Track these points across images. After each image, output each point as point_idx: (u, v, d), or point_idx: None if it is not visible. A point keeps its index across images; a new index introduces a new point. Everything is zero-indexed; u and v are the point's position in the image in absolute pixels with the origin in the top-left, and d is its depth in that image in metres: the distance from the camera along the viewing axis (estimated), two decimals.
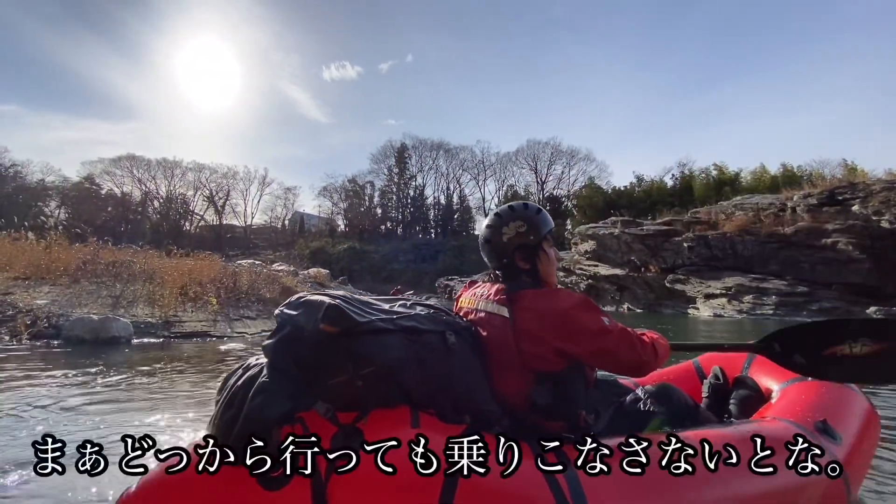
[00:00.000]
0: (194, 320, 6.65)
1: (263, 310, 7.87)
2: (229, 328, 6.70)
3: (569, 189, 53.55)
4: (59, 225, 26.64)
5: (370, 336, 1.09)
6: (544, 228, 1.40)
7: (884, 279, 13.24)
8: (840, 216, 14.41)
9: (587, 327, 1.24)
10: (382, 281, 45.76)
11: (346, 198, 60.06)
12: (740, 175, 34.82)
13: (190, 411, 2.69)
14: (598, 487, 1.01)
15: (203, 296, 7.59)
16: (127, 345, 5.26)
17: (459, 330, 1.26)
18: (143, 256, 9.34)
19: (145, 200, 54.48)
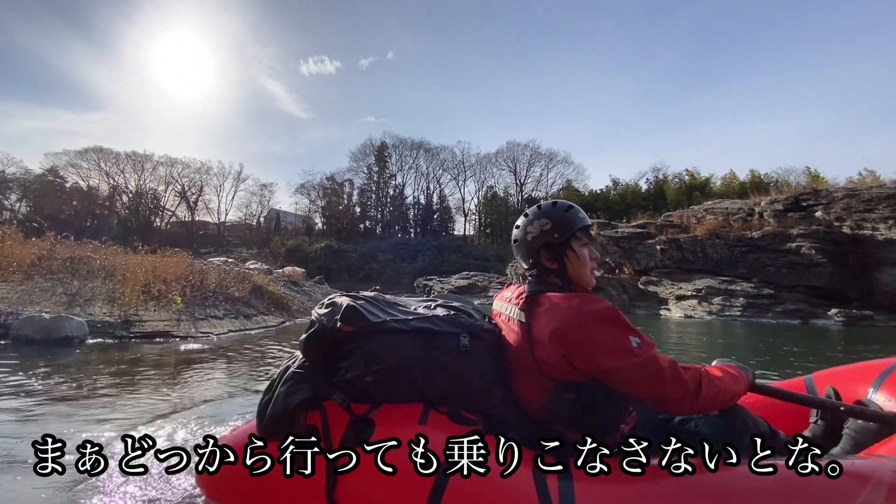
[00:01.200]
0: (156, 319, 6.37)
1: (232, 309, 7.61)
2: (194, 328, 6.45)
3: (547, 191, 54.17)
4: (15, 219, 25.35)
5: (382, 336, 1.19)
6: (572, 226, 1.30)
7: (844, 283, 13.81)
8: (804, 221, 14.96)
9: (602, 342, 1.11)
10: (360, 280, 45.27)
11: (325, 196, 59.23)
12: (711, 180, 35.95)
13: (135, 417, 2.51)
14: (591, 493, 0.99)
15: (167, 294, 7.28)
16: (80, 345, 4.98)
17: (479, 333, 1.28)
18: (104, 252, 8.91)
19: (113, 195, 52.42)
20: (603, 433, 1.18)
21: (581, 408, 1.18)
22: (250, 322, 7.43)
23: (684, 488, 0.99)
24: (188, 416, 2.49)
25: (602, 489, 1.00)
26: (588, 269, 1.32)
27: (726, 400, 1.21)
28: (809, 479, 1.03)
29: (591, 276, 1.34)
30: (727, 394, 1.21)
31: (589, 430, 1.17)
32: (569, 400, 1.18)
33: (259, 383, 3.44)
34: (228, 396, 3.04)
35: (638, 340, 1.13)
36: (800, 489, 1.01)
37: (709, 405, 1.18)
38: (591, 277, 1.34)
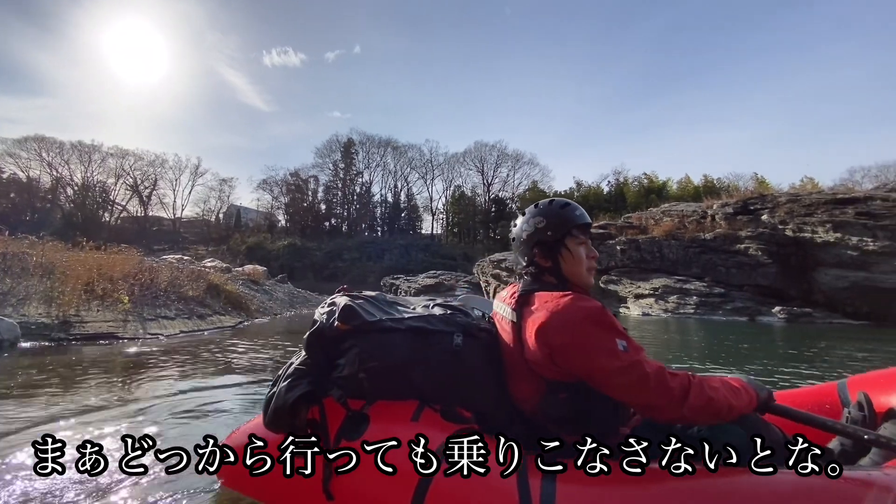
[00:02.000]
0: (100, 320, 5.96)
1: (185, 309, 7.24)
2: (142, 329, 6.08)
3: (513, 192, 54.97)
4: None
5: (377, 334, 1.24)
6: (567, 224, 1.28)
7: (787, 282, 14.73)
8: (751, 224, 15.85)
9: (586, 343, 1.09)
10: (325, 279, 44.36)
11: (288, 192, 57.66)
12: (668, 184, 37.55)
13: (66, 426, 2.32)
14: (574, 494, 0.98)
15: (113, 293, 6.84)
16: (11, 349, 4.59)
17: (474, 332, 1.29)
18: (42, 248, 8.28)
19: (56, 187, 48.99)
20: (598, 435, 1.15)
21: (574, 409, 1.16)
22: (204, 322, 7.09)
23: (674, 490, 0.96)
24: (112, 418, 2.33)
25: (586, 490, 0.98)
26: (584, 267, 1.28)
27: (720, 411, 1.10)
28: (808, 481, 0.96)
29: (589, 276, 1.30)
30: (721, 405, 1.10)
31: (583, 431, 1.15)
32: (562, 400, 1.16)
33: (205, 385, 3.27)
34: (166, 397, 2.87)
35: (624, 344, 1.10)
36: (798, 491, 0.95)
37: (697, 414, 1.09)
38: (587, 276, 1.30)
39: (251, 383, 3.37)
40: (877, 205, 13.83)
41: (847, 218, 13.90)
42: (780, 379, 4.02)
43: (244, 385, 3.31)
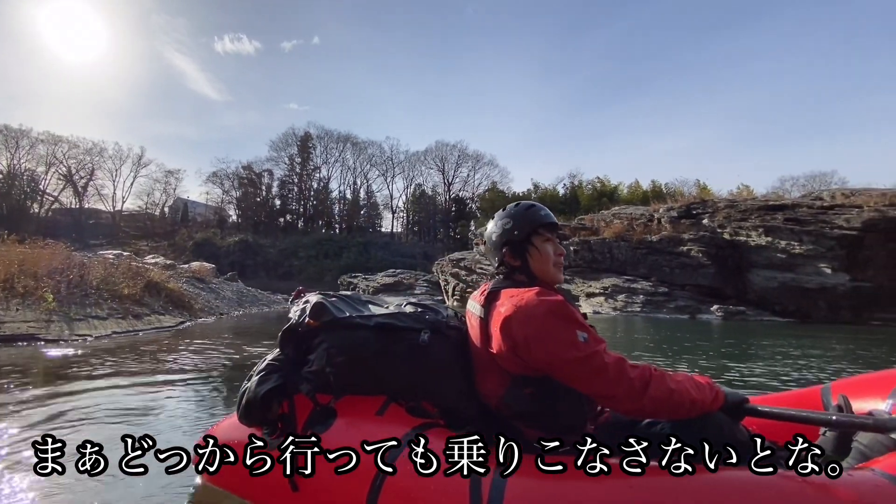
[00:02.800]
0: (19, 320, 5.44)
1: (119, 308, 6.75)
2: (68, 329, 5.61)
3: (474, 192, 55.49)
4: None
5: (345, 330, 1.28)
6: (532, 223, 1.33)
7: (724, 282, 15.76)
8: (693, 228, 16.83)
9: (547, 335, 1.11)
10: (279, 278, 42.92)
11: (240, 186, 55.22)
12: (619, 188, 39.23)
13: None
14: (523, 492, 0.98)
15: (36, 291, 6.27)
16: None
17: (442, 329, 1.33)
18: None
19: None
20: (563, 430, 1.17)
21: (539, 404, 1.17)
22: (141, 322, 6.64)
23: (627, 488, 0.96)
24: (29, 422, 2.13)
25: (536, 488, 0.98)
26: (550, 264, 1.32)
27: (681, 404, 1.11)
28: (758, 480, 0.95)
29: (557, 272, 1.34)
30: (682, 398, 1.11)
31: (548, 427, 1.17)
32: (526, 395, 1.18)
33: (132, 389, 3.05)
34: (85, 400, 2.65)
35: (585, 335, 1.12)
36: (746, 490, 0.93)
37: (658, 406, 1.10)
38: (555, 273, 1.34)
39: (187, 386, 3.18)
40: (803, 211, 15.08)
41: (777, 223, 15.06)
42: (724, 372, 4.28)
43: (178, 388, 3.12)
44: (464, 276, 24.46)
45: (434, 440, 1.10)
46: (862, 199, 14.83)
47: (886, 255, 13.57)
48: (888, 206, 13.84)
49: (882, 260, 13.60)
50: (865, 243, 13.63)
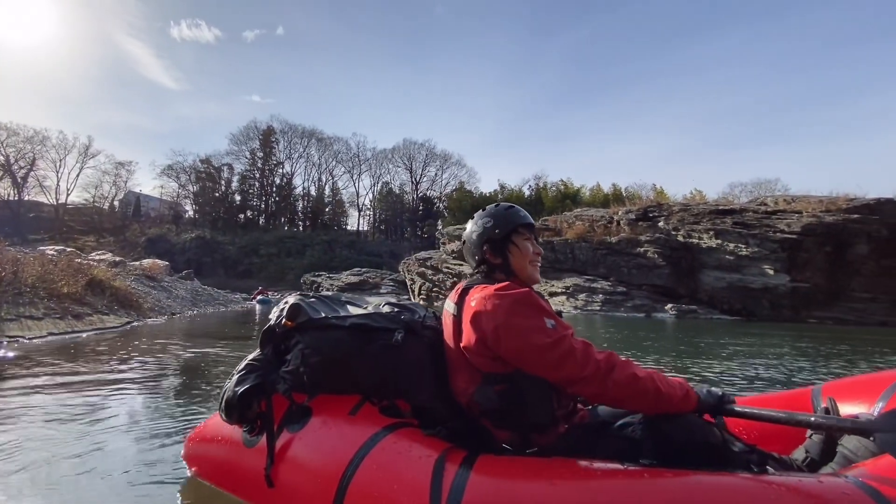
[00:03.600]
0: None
1: (57, 308, 6.28)
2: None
3: (441, 191, 55.56)
4: None
5: (320, 331, 1.31)
6: (512, 223, 1.36)
7: (678, 282, 16.49)
8: (650, 230, 17.52)
9: (515, 323, 1.13)
10: (239, 276, 41.47)
11: (198, 180, 52.92)
12: (581, 190, 40.36)
13: None
14: (483, 488, 0.98)
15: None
16: None
17: (417, 329, 1.34)
18: None
19: None
20: (532, 429, 1.18)
21: (509, 401, 1.17)
22: (81, 323, 6.21)
23: (588, 484, 0.94)
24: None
25: (496, 483, 0.98)
26: (527, 261, 1.35)
27: (646, 392, 1.10)
28: (718, 480, 0.92)
29: (534, 271, 1.37)
30: (647, 386, 1.10)
31: (517, 425, 1.17)
32: (496, 393, 1.17)
33: (57, 394, 2.84)
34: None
35: (553, 322, 1.15)
36: (702, 489, 0.90)
37: (622, 390, 1.10)
38: (533, 271, 1.37)
39: (124, 390, 2.98)
40: (749, 216, 15.99)
41: (726, 227, 15.91)
42: (682, 373, 4.44)
43: (115, 393, 2.92)
44: (430, 276, 24.44)
45: (400, 438, 1.12)
46: (801, 206, 15.89)
47: (822, 258, 14.61)
48: (824, 212, 14.90)
49: (818, 262, 14.64)
50: (804, 246, 14.62)
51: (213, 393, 2.88)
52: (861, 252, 14.39)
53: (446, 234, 25.52)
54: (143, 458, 1.78)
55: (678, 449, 1.07)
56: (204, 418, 1.78)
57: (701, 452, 1.07)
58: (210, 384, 3.15)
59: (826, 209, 15.09)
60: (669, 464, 0.98)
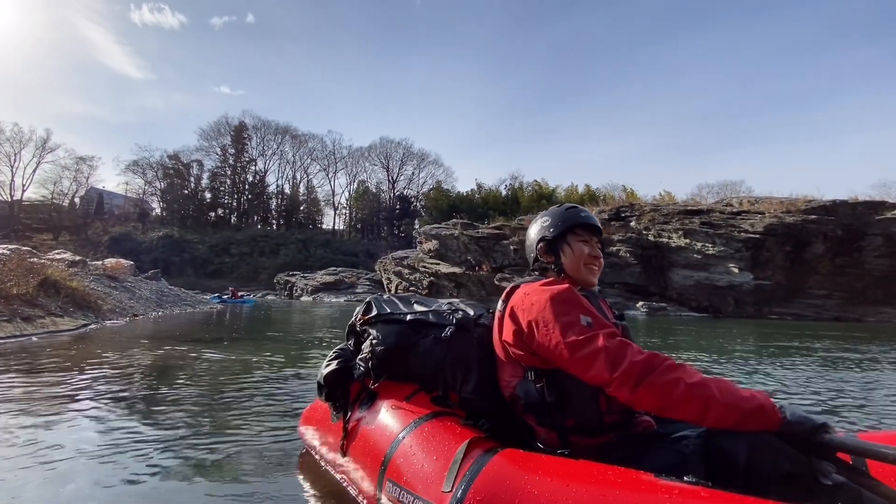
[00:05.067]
0: None
1: (3, 309, 5.91)
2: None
3: (419, 190, 55.43)
4: None
5: (384, 324, 1.48)
6: (568, 221, 1.34)
7: (648, 280, 16.91)
8: (622, 230, 17.92)
9: (550, 318, 1.10)
10: (209, 275, 40.32)
11: (166, 177, 51.17)
12: (556, 191, 40.93)
13: None
14: (499, 470, 1.00)
15: None
16: None
17: (468, 326, 1.42)
18: None
19: None
20: (574, 430, 1.14)
21: (550, 396, 1.15)
22: (31, 326, 5.85)
23: (594, 494, 0.85)
24: None
25: (509, 476, 0.97)
26: (581, 263, 1.30)
27: (687, 401, 0.93)
28: None
29: (588, 274, 1.31)
30: (695, 394, 0.93)
31: (558, 424, 1.15)
32: (538, 389, 1.16)
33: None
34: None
35: (589, 320, 1.09)
36: None
37: (659, 397, 0.95)
38: (586, 273, 1.31)
39: (69, 396, 2.80)
40: (716, 216, 16.54)
41: (694, 226, 16.41)
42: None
43: (55, 399, 2.74)
44: (407, 275, 24.31)
45: (438, 425, 1.21)
46: (764, 207, 16.54)
47: (783, 257, 15.24)
48: (785, 213, 15.55)
49: (779, 261, 15.27)
50: (766, 246, 15.22)
51: (170, 398, 2.73)
52: (817, 251, 15.09)
53: (423, 232, 25.43)
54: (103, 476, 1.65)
55: (742, 471, 0.88)
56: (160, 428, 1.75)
57: (771, 479, 0.87)
58: (170, 390, 3.00)
59: (786, 210, 15.75)
60: (726, 487, 0.80)
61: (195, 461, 1.74)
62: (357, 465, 1.33)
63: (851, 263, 15.05)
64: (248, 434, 2.08)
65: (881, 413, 2.76)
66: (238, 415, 2.39)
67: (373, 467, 1.23)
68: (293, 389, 3.04)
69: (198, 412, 2.43)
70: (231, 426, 2.19)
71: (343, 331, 1.74)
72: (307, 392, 2.94)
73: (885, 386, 3.61)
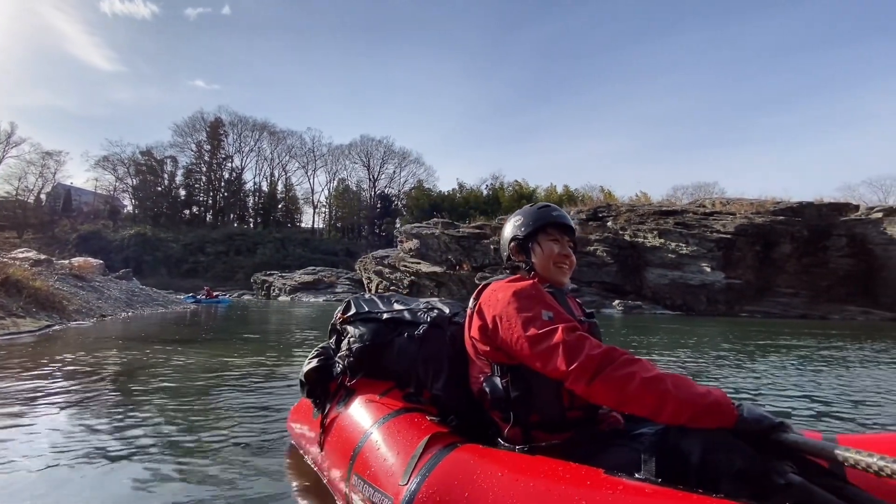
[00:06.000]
0: None
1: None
2: None
3: (400, 189, 55.13)
4: None
5: (362, 323, 1.52)
6: (539, 221, 1.35)
7: (624, 279, 17.26)
8: (599, 229, 18.23)
9: (512, 312, 1.13)
10: (183, 275, 39.29)
11: (138, 173, 49.59)
12: (536, 191, 41.37)
13: None
14: (454, 464, 1.02)
15: None
16: None
17: (442, 324, 1.44)
18: None
19: None
20: (537, 426, 1.15)
21: (514, 392, 1.16)
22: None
23: (541, 490, 0.86)
24: None
25: (463, 471, 0.98)
26: (550, 262, 1.31)
27: (640, 396, 0.93)
28: None
29: (558, 273, 1.31)
30: (649, 389, 0.92)
31: (522, 420, 1.15)
32: (503, 384, 1.17)
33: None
34: None
35: (551, 314, 1.10)
36: None
37: (614, 392, 0.96)
38: (556, 273, 1.31)
39: (31, 402, 2.69)
40: (689, 216, 16.99)
41: (668, 227, 16.81)
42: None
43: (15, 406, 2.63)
44: (387, 274, 24.19)
45: (404, 421, 1.23)
46: (735, 207, 17.06)
47: (753, 256, 15.76)
48: (755, 214, 16.09)
49: (749, 260, 15.78)
50: (737, 245, 15.71)
51: (139, 400, 2.65)
52: (785, 251, 15.67)
53: (404, 232, 25.35)
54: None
55: (696, 468, 0.87)
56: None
57: (723, 476, 0.84)
58: (140, 391, 2.91)
59: (756, 211, 16.29)
60: (677, 484, 0.80)
61: (167, 462, 1.70)
62: (331, 459, 1.37)
63: (817, 263, 15.67)
64: (226, 431, 2.05)
65: (852, 415, 2.88)
66: (213, 415, 2.34)
67: (343, 461, 1.27)
68: (272, 388, 3.00)
69: (167, 414, 2.37)
70: (203, 427, 2.14)
71: (322, 331, 1.80)
72: (285, 390, 2.91)
73: (858, 386, 3.77)
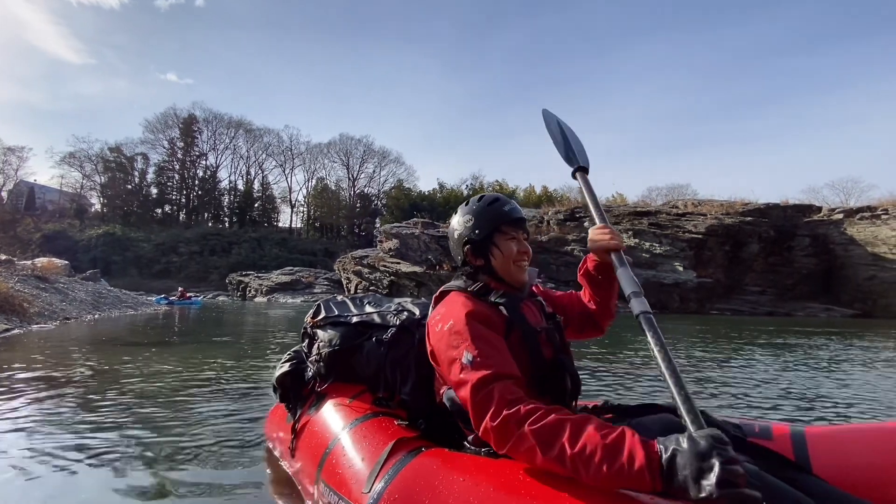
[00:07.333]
0: None
1: None
2: None
3: (380, 188, 54.76)
4: None
5: (331, 327, 1.53)
6: (494, 221, 1.25)
7: None
8: (576, 229, 18.54)
9: (440, 351, 1.10)
10: (155, 276, 38.17)
11: (106, 170, 47.86)
12: (516, 192, 41.80)
13: None
14: (422, 468, 1.02)
15: None
16: None
17: (411, 328, 1.43)
18: None
19: None
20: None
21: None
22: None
23: (500, 492, 0.88)
24: None
25: (426, 475, 0.99)
26: (511, 262, 1.24)
27: (565, 472, 0.84)
28: None
29: (518, 272, 1.25)
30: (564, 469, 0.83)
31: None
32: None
33: None
34: None
35: (471, 357, 1.01)
36: None
37: (525, 461, 0.90)
38: (516, 272, 1.25)
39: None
40: (663, 217, 17.42)
41: (643, 227, 17.21)
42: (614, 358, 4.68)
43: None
44: (367, 274, 24.01)
45: (372, 426, 1.24)
46: (706, 208, 17.59)
47: (722, 256, 16.28)
48: (725, 215, 16.62)
49: (719, 259, 16.29)
50: (707, 245, 16.20)
51: (105, 405, 2.57)
52: (753, 250, 16.24)
53: (384, 231, 25.21)
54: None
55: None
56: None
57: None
58: (105, 396, 2.81)
59: (726, 212, 16.84)
60: None
61: (138, 470, 1.66)
62: (301, 465, 1.37)
63: (782, 262, 16.30)
64: (201, 439, 2.02)
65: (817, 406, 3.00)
66: (185, 422, 2.28)
67: (312, 468, 1.27)
68: (249, 391, 2.94)
69: (136, 422, 2.31)
70: (177, 434, 2.09)
71: (298, 332, 1.78)
72: (262, 394, 2.87)
73: (822, 380, 3.93)
